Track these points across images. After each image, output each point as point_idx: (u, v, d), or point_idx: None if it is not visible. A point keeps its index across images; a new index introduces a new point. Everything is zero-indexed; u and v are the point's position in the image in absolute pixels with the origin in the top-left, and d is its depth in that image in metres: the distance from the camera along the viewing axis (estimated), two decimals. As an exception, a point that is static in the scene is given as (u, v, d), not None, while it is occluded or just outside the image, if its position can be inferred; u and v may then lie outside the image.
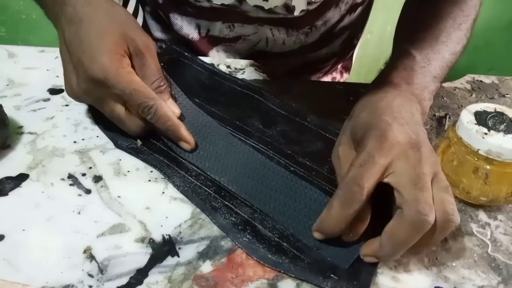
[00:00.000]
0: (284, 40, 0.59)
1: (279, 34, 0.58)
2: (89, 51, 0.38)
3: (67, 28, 0.39)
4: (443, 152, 0.40)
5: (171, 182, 0.39)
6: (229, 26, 0.58)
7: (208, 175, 0.40)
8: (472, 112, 0.38)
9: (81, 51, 0.38)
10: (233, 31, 0.58)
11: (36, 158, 0.41)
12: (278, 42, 0.59)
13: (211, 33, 0.59)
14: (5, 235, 0.34)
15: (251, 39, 0.59)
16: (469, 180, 0.38)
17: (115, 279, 0.31)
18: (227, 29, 0.58)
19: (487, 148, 0.35)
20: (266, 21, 0.57)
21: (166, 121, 0.40)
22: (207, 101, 0.48)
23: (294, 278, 0.32)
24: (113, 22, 0.40)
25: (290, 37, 0.59)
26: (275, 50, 0.61)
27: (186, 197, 0.38)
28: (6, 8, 1.34)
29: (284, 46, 0.60)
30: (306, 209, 0.36)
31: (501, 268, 0.34)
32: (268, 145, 0.43)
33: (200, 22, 0.59)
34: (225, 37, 0.59)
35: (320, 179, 0.39)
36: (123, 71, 0.38)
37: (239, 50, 0.61)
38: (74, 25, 0.39)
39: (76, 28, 0.39)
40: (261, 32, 0.58)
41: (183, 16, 0.59)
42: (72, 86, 0.40)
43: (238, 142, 0.43)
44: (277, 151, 0.42)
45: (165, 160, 0.41)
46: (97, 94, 0.39)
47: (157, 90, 0.41)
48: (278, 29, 0.58)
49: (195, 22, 0.59)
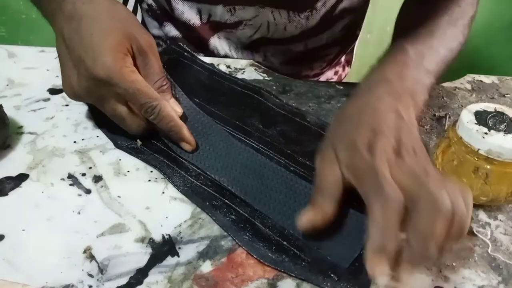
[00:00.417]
0: (286, 25, 0.59)
1: (280, 18, 0.58)
2: (91, 49, 0.37)
3: (66, 25, 0.39)
4: (443, 152, 0.40)
5: (171, 182, 0.39)
6: (230, 10, 0.57)
7: (208, 175, 0.40)
8: (472, 112, 0.38)
9: (82, 49, 0.38)
10: (234, 15, 0.57)
11: (36, 158, 0.41)
12: (280, 27, 0.59)
13: (212, 18, 0.59)
14: (5, 235, 0.34)
15: (252, 24, 0.58)
16: (469, 179, 0.37)
17: (115, 279, 0.31)
18: (228, 13, 0.58)
19: (488, 147, 0.35)
20: (268, 2, 0.56)
21: (169, 121, 0.40)
22: (207, 101, 0.48)
23: (294, 278, 0.32)
24: (115, 20, 0.40)
25: (291, 22, 0.59)
26: (276, 36, 0.60)
27: (186, 197, 0.38)
28: (6, 8, 1.34)
29: (285, 32, 0.60)
30: None
31: (501, 268, 0.34)
32: (268, 145, 0.43)
33: (202, 7, 0.58)
34: (226, 22, 0.59)
35: None
36: (126, 70, 0.38)
37: (240, 37, 0.60)
38: (74, 22, 0.38)
39: (77, 25, 0.38)
40: (262, 15, 0.58)
41: (184, 0, 0.58)
42: (72, 85, 0.39)
43: (237, 143, 0.42)
44: (277, 151, 0.42)
45: (165, 160, 0.41)
46: (98, 93, 0.39)
47: (160, 90, 0.41)
48: (280, 12, 0.57)
49: (197, 7, 0.58)
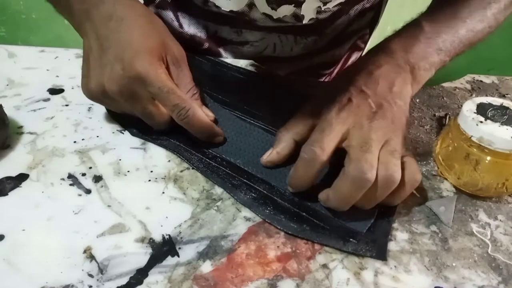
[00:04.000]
0: (292, 46, 0.59)
1: (287, 40, 0.58)
2: (131, 48, 0.38)
3: (103, 25, 0.40)
4: (442, 138, 0.42)
5: (190, 164, 0.41)
6: (237, 32, 0.58)
7: (224, 158, 0.41)
8: (476, 103, 0.39)
9: (120, 47, 0.38)
10: (241, 36, 0.58)
11: (36, 158, 0.41)
12: (286, 49, 0.59)
13: (219, 35, 0.59)
14: (5, 235, 0.34)
15: (258, 45, 0.59)
16: (461, 165, 0.39)
17: (115, 279, 0.31)
18: (235, 34, 0.58)
19: (480, 135, 0.37)
20: (274, 29, 0.57)
21: (201, 125, 0.41)
22: (214, 89, 0.50)
23: (294, 278, 0.32)
24: (153, 26, 0.42)
25: (298, 44, 0.59)
26: (283, 55, 0.61)
27: (206, 177, 0.39)
28: (6, 8, 1.34)
29: (292, 52, 0.60)
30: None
31: (501, 268, 0.34)
32: (277, 126, 0.44)
33: (208, 24, 0.58)
34: (232, 39, 0.59)
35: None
36: (162, 71, 0.39)
37: (246, 54, 0.60)
38: (114, 23, 0.39)
39: (116, 26, 0.39)
40: (269, 39, 0.58)
41: (191, 16, 0.59)
42: (102, 83, 0.39)
43: (248, 125, 0.44)
44: None
45: (181, 144, 0.42)
46: (131, 91, 0.39)
47: (192, 98, 0.42)
48: (287, 36, 0.58)
49: (203, 23, 0.59)
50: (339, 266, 0.33)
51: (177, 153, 0.42)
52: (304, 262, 0.34)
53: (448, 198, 0.40)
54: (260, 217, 0.36)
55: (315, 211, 0.37)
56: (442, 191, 0.41)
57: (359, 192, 0.34)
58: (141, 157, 0.42)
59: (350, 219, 0.36)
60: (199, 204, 0.37)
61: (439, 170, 0.42)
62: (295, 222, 0.36)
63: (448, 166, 0.40)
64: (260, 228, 0.36)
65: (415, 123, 0.49)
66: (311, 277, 0.32)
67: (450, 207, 0.39)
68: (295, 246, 0.35)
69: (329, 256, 0.34)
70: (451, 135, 0.40)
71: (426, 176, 0.42)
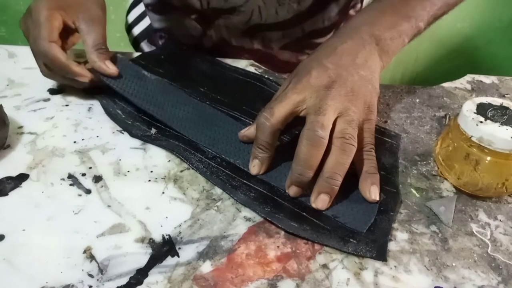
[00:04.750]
0: (276, 8, 0.59)
1: (270, 1, 0.58)
2: (36, 11, 0.45)
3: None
4: (442, 138, 0.42)
5: (190, 165, 0.41)
6: None
7: (224, 158, 0.41)
8: (476, 103, 0.39)
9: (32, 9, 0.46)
10: (228, 1, 0.58)
11: (36, 158, 0.41)
12: (271, 12, 0.59)
13: (211, 5, 0.59)
14: (5, 235, 0.34)
15: (244, 10, 0.59)
16: (461, 165, 0.39)
17: (115, 279, 0.31)
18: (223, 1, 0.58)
19: (479, 135, 0.37)
20: None
21: (59, 64, 0.44)
22: (212, 89, 0.50)
23: (294, 278, 0.32)
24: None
25: (282, 6, 0.59)
26: (270, 21, 0.60)
27: (205, 178, 0.39)
28: (6, 8, 1.34)
29: (278, 16, 0.60)
30: None
31: (501, 268, 0.34)
32: None
33: None
34: (222, 8, 0.59)
35: None
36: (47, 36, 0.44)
37: (237, 24, 0.61)
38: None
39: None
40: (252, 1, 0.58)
41: None
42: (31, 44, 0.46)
43: (244, 127, 0.44)
44: (285, 132, 0.44)
45: (181, 144, 0.43)
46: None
47: (98, 51, 0.46)
48: None
49: None
50: (339, 266, 0.33)
51: (177, 153, 0.42)
52: (304, 262, 0.34)
53: (448, 198, 0.40)
54: (260, 215, 0.36)
55: (315, 211, 0.37)
56: (442, 191, 0.41)
57: (315, 151, 0.35)
58: (141, 157, 0.42)
59: (350, 219, 0.36)
60: (199, 204, 0.37)
61: (439, 170, 0.42)
62: (295, 221, 0.36)
63: (448, 166, 0.40)
64: (260, 228, 0.36)
65: (415, 123, 0.49)
66: (311, 277, 0.32)
67: (450, 207, 0.39)
68: (295, 246, 0.35)
69: (329, 256, 0.34)
70: (451, 135, 0.40)
71: (426, 176, 0.42)
